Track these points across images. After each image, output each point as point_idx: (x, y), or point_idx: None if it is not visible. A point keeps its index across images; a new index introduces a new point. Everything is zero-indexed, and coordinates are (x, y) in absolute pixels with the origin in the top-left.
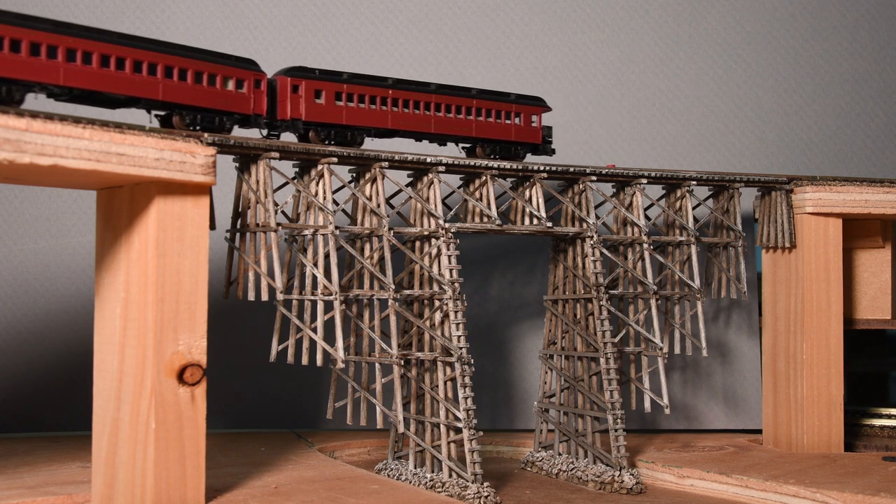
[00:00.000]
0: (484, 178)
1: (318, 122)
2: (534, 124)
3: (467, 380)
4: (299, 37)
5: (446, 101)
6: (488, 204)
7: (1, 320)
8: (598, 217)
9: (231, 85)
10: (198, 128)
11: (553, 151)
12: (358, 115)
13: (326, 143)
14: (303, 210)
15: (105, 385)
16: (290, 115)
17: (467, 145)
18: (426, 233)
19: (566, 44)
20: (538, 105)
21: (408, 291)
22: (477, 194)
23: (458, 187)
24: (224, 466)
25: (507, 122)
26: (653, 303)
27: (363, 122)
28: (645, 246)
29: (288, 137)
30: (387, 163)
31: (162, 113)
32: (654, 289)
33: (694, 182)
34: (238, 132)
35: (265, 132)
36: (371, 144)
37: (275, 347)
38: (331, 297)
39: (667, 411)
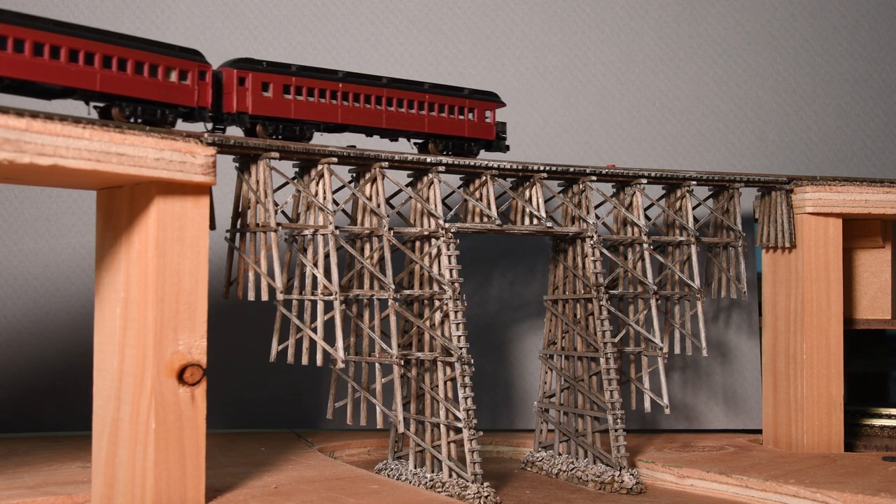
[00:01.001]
0: (484, 178)
1: (265, 115)
2: (488, 120)
3: (467, 380)
4: (299, 37)
5: (398, 95)
6: (488, 204)
7: (1, 320)
8: (598, 217)
9: (174, 76)
10: (139, 120)
11: (507, 148)
12: (307, 109)
13: (274, 137)
14: (303, 210)
15: (105, 385)
16: (237, 108)
17: (419, 141)
18: (426, 233)
19: (566, 44)
20: (492, 100)
21: (408, 291)
22: (477, 194)
23: (458, 187)
24: (224, 466)
25: (461, 117)
26: (653, 303)
27: (312, 117)
28: (645, 246)
29: (234, 131)
30: (387, 163)
31: (101, 105)
32: (654, 289)
33: (694, 182)
34: (236, 131)
35: (210, 126)
36: (319, 139)
37: (275, 347)
38: (331, 297)
39: (667, 411)
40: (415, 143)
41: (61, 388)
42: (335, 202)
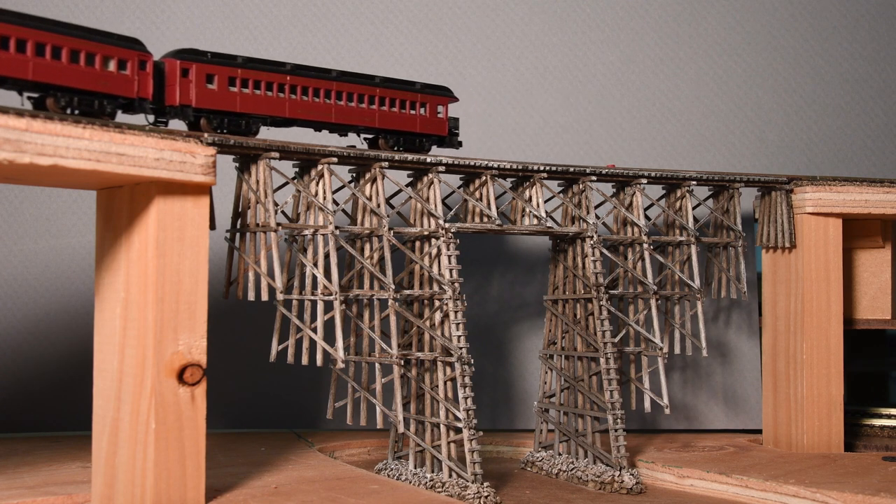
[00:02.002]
0: (484, 178)
1: (209, 108)
2: (440, 115)
3: (467, 380)
4: (299, 37)
5: (348, 89)
6: (488, 204)
7: (1, 320)
8: (598, 217)
9: (112, 66)
10: (76, 111)
11: (460, 144)
12: (253, 103)
13: (219, 131)
14: (303, 210)
15: (105, 385)
16: (180, 100)
17: (370, 136)
18: (426, 233)
19: (566, 44)
20: (445, 95)
21: (408, 291)
22: (477, 194)
23: (458, 187)
24: (224, 466)
25: (412, 112)
26: (653, 303)
27: (259, 110)
28: (645, 246)
29: (177, 125)
30: (387, 163)
31: (35, 95)
32: (654, 289)
33: (694, 182)
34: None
35: (152, 119)
36: (266, 134)
37: (275, 347)
38: (331, 297)
39: (667, 411)
40: (365, 139)
41: (61, 388)
42: (335, 202)
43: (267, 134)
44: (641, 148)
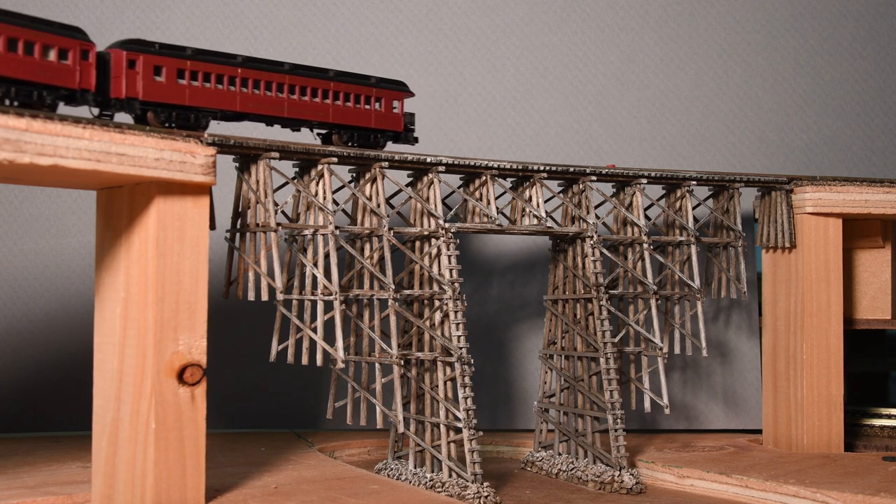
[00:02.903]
0: (484, 178)
1: (157, 101)
2: (395, 110)
3: (467, 380)
4: (299, 37)
5: (301, 82)
6: (488, 204)
7: (1, 320)
8: (598, 217)
9: (52, 55)
10: (15, 102)
11: (416, 140)
12: (203, 96)
13: (166, 125)
14: (303, 210)
15: (105, 385)
16: (126, 93)
17: (323, 132)
18: (426, 233)
19: (566, 44)
20: (400, 90)
21: (408, 291)
22: (477, 194)
23: (458, 187)
24: (224, 466)
25: (367, 107)
26: (653, 303)
27: (209, 104)
28: (645, 246)
29: (123, 118)
30: (387, 163)
31: None
32: (654, 289)
33: (694, 182)
34: (240, 131)
35: (96, 111)
36: (217, 128)
37: (275, 347)
38: (331, 297)
39: (667, 411)
40: (318, 134)
41: (61, 389)
42: (335, 202)
43: (217, 128)
44: (641, 148)
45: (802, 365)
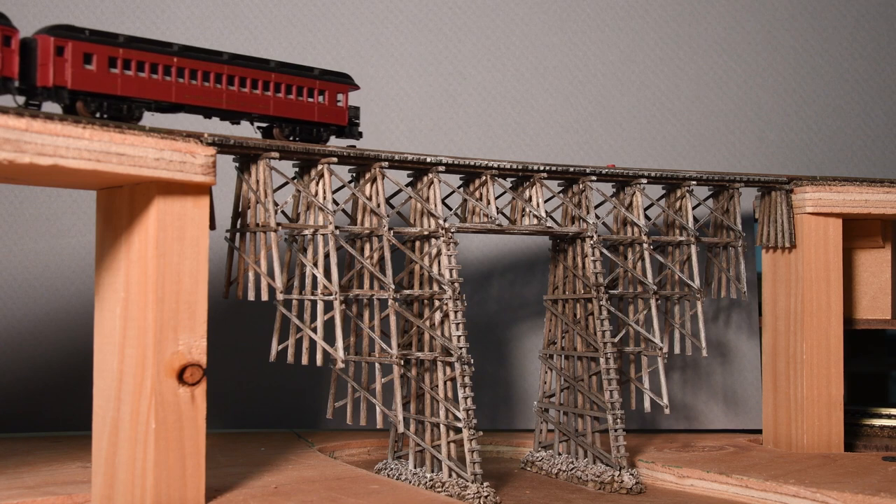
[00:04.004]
0: (484, 178)
1: (87, 91)
2: (339, 104)
3: (467, 380)
4: (299, 37)
5: (240, 73)
6: (488, 204)
7: (1, 320)
8: (598, 217)
9: None
10: None
11: (360, 135)
12: (136, 86)
13: (97, 115)
14: (303, 210)
15: (105, 385)
16: (54, 81)
17: (264, 125)
18: (426, 233)
19: (566, 44)
20: (345, 82)
21: (408, 291)
22: (477, 194)
23: (458, 187)
24: (224, 466)
25: (310, 100)
26: (653, 303)
27: (142, 94)
28: (645, 246)
29: (52, 108)
30: (387, 163)
31: None
32: (654, 289)
33: (694, 182)
34: (239, 132)
35: (21, 100)
36: (151, 120)
37: (275, 347)
38: (331, 297)
39: (666, 411)
40: (258, 128)
41: (61, 388)
42: (335, 202)
43: (150, 120)
44: (641, 148)
45: (802, 365)
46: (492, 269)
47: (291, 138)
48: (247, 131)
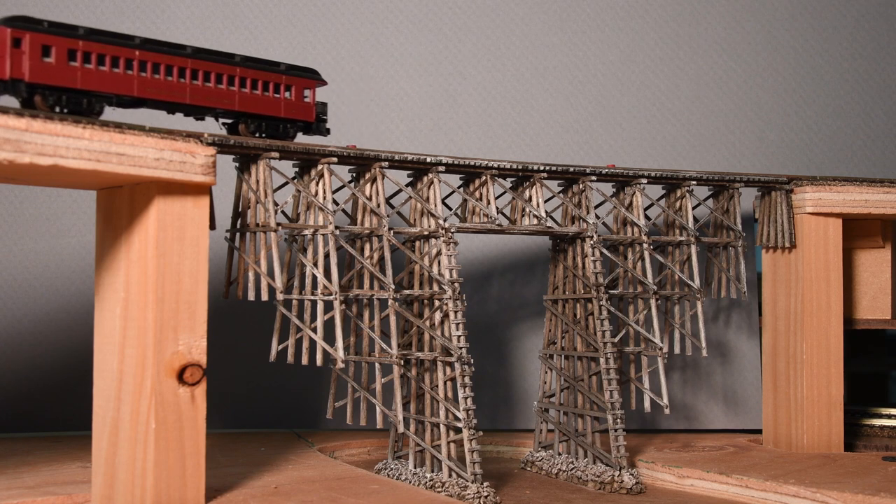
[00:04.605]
0: (484, 178)
1: (45, 84)
2: (307, 99)
3: (467, 380)
4: (299, 37)
5: (205, 67)
6: (488, 204)
7: (1, 320)
8: (598, 217)
9: None
10: None
11: (328, 131)
12: (97, 79)
13: (56, 109)
14: (303, 210)
15: (105, 385)
16: (10, 74)
17: (229, 121)
18: (426, 233)
19: (566, 44)
20: (312, 78)
21: (408, 291)
22: (477, 194)
23: (458, 187)
24: (224, 466)
25: (277, 95)
26: (653, 303)
27: (103, 88)
28: (645, 246)
29: (13, 103)
30: (387, 163)
31: None
32: (654, 289)
33: (694, 182)
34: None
35: None
36: (112, 115)
37: (275, 347)
38: (331, 297)
39: (666, 411)
40: (224, 124)
41: (61, 388)
42: (335, 202)
43: (111, 114)
44: (641, 148)
45: (802, 365)
46: (492, 269)
47: (257, 134)
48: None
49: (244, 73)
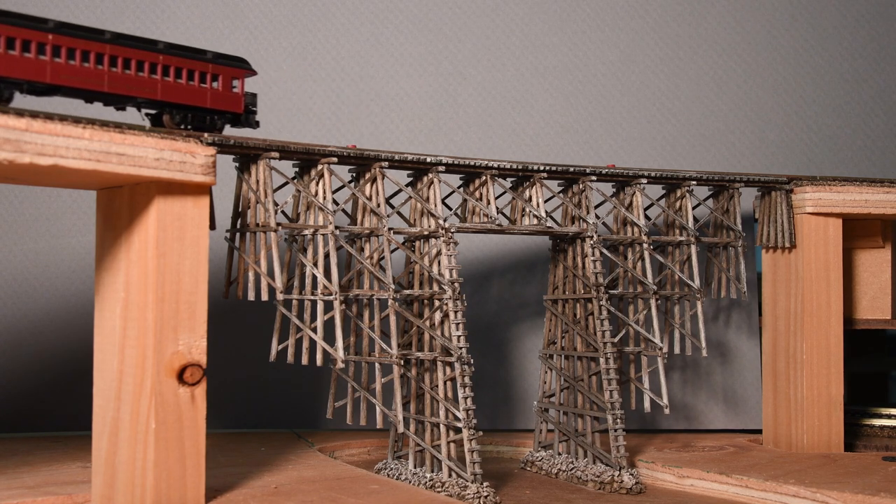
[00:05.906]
0: (484, 178)
1: None
2: (235, 90)
3: (467, 380)
4: (299, 37)
5: (125, 53)
6: (488, 204)
7: (1, 320)
8: (598, 217)
9: None
10: None
11: (257, 124)
12: (5, 64)
13: None
14: (303, 210)
15: (105, 385)
16: None
17: (152, 111)
18: (426, 233)
19: (566, 44)
20: (241, 67)
21: (408, 291)
22: (477, 194)
23: (458, 187)
24: (224, 466)
25: (203, 85)
26: (653, 303)
27: (13, 73)
28: (645, 246)
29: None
30: (387, 162)
31: None
32: (654, 289)
33: (694, 182)
34: (237, 132)
35: None
36: (23, 102)
37: (275, 347)
38: (331, 297)
39: (666, 411)
40: (147, 114)
41: (61, 388)
42: (335, 202)
43: (23, 102)
44: (641, 148)
45: (802, 365)
46: (492, 269)
47: (183, 126)
48: (247, 130)
49: (167, 60)
